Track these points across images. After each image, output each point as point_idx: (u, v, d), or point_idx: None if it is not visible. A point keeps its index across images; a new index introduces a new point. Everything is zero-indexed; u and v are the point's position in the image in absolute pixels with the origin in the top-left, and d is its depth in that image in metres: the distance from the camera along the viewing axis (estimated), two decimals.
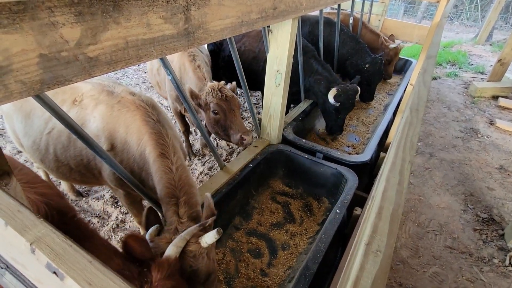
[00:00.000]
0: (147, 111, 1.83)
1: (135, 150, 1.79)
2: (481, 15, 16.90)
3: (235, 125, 2.58)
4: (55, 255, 0.50)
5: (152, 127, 1.77)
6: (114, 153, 1.83)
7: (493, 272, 2.68)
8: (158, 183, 1.66)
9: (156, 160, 1.69)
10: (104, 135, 1.81)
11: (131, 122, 1.79)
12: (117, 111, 1.82)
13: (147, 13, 1.10)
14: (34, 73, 0.87)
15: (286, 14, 2.02)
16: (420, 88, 1.29)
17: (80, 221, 1.31)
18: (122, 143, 1.81)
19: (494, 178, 3.88)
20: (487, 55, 9.36)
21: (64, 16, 0.87)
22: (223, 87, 2.58)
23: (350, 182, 2.50)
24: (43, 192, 1.30)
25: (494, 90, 6.24)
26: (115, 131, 1.80)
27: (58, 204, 1.30)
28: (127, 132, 1.79)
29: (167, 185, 1.63)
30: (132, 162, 1.83)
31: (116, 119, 1.81)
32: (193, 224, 1.51)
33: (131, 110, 1.81)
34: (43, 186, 1.35)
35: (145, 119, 1.79)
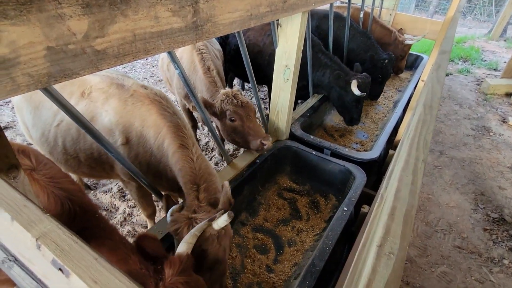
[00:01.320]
0: (162, 105, 1.86)
1: (152, 143, 1.81)
2: (495, 9, 16.45)
3: (253, 131, 2.51)
4: (61, 251, 0.49)
5: (170, 120, 1.80)
6: (129, 147, 1.84)
7: (503, 273, 2.63)
8: (179, 172, 1.72)
9: (176, 151, 1.74)
10: (119, 129, 1.82)
11: (147, 116, 1.81)
12: (131, 105, 1.83)
13: (155, 6, 1.08)
14: (41, 66, 0.86)
15: (296, 7, 1.98)
16: (434, 84, 1.24)
17: (101, 218, 1.33)
18: (138, 137, 1.82)
19: (506, 178, 3.80)
20: (501, 51, 9.12)
21: (71, 8, 0.86)
22: (237, 93, 2.52)
23: (358, 179, 2.47)
24: (67, 188, 1.32)
25: (508, 87, 6.08)
26: (131, 125, 1.82)
27: (81, 200, 1.32)
28: (143, 126, 1.81)
29: (189, 173, 1.70)
30: (149, 155, 1.85)
31: (130, 113, 1.82)
32: (211, 208, 1.61)
33: (146, 104, 1.83)
34: (67, 181, 1.36)
35: (162, 113, 1.81)
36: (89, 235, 1.20)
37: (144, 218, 2.91)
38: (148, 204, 2.35)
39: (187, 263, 1.18)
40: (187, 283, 1.10)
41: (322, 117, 3.88)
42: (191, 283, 1.12)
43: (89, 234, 1.21)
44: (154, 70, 6.27)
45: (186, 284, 1.09)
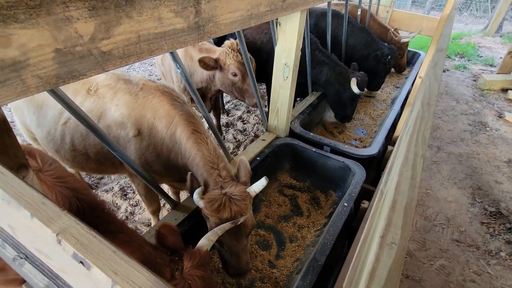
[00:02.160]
0: (172, 96, 1.91)
1: (164, 133, 1.85)
2: (491, 5, 16.50)
3: (251, 89, 2.63)
4: (81, 245, 0.52)
5: (181, 109, 1.86)
6: (141, 138, 1.87)
7: (500, 265, 2.68)
8: (195, 156, 1.78)
9: (190, 136, 1.80)
10: (130, 121, 1.85)
11: (159, 107, 1.85)
12: (143, 98, 1.87)
13: (159, 7, 1.10)
14: (50, 67, 0.88)
15: (295, 6, 2.01)
16: (431, 82, 1.28)
17: (110, 214, 1.35)
18: (150, 128, 1.86)
19: (502, 172, 3.85)
20: (497, 47, 9.18)
21: (78, 10, 0.88)
22: (239, 47, 2.56)
23: (357, 175, 2.51)
24: (74, 186, 1.34)
25: (504, 83, 6.13)
26: (142, 117, 1.85)
27: (88, 198, 1.35)
28: (154, 117, 1.85)
29: (207, 154, 1.78)
30: (161, 145, 1.88)
31: (142, 106, 1.86)
32: (234, 183, 1.73)
33: (157, 96, 1.87)
34: (73, 180, 1.39)
35: (173, 103, 1.86)
36: (100, 231, 1.23)
37: (146, 217, 2.93)
38: (153, 200, 2.38)
39: (205, 259, 1.21)
40: (203, 278, 1.13)
41: (321, 114, 3.91)
42: (206, 279, 1.15)
43: (100, 230, 1.23)
44: (153, 69, 6.28)
45: (202, 278, 1.12)
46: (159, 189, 1.97)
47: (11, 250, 0.84)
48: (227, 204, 1.60)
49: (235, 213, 1.60)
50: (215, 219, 1.61)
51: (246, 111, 4.85)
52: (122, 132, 1.87)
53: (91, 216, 1.28)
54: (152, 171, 1.98)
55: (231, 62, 2.57)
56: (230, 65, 2.58)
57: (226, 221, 1.57)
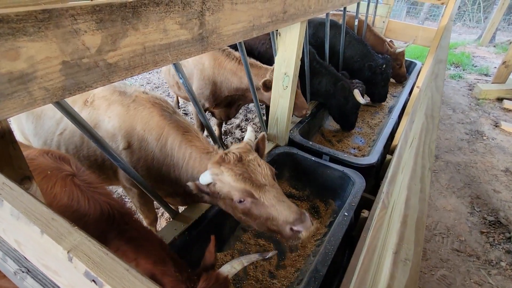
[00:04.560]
0: (162, 106, 1.91)
1: (154, 146, 1.84)
2: (483, 16, 16.85)
3: (299, 101, 2.98)
4: (93, 263, 0.51)
5: (170, 118, 1.86)
6: (131, 151, 1.85)
7: (500, 275, 2.68)
8: (190, 154, 1.78)
9: (182, 140, 1.80)
10: (121, 134, 1.84)
11: (149, 119, 1.84)
12: (134, 110, 1.86)
13: (164, 19, 1.11)
14: (56, 79, 0.88)
15: (296, 17, 2.03)
16: (434, 93, 1.29)
17: (137, 221, 1.35)
18: (140, 141, 1.85)
19: (500, 181, 3.88)
20: (491, 56, 9.34)
21: (86, 23, 0.89)
22: None
23: (357, 184, 2.51)
24: (105, 193, 1.37)
25: (499, 92, 6.22)
26: (132, 129, 1.85)
27: (118, 204, 1.36)
28: (144, 130, 1.84)
29: (200, 145, 1.80)
30: (151, 159, 1.87)
31: (133, 117, 1.85)
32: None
33: (147, 108, 1.87)
34: (103, 187, 1.41)
35: (163, 114, 1.86)
36: (129, 237, 1.22)
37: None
38: (149, 211, 2.36)
39: (223, 285, 1.20)
40: None
41: (319, 123, 3.93)
42: None
43: (129, 237, 1.23)
44: (151, 77, 6.29)
45: None
46: (159, 199, 1.95)
47: (12, 263, 0.82)
48: (250, 171, 1.59)
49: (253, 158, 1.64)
50: (237, 171, 1.56)
51: (244, 119, 4.86)
52: (113, 144, 1.87)
53: (121, 222, 1.29)
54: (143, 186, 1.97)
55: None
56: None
57: (246, 170, 1.57)
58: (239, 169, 1.56)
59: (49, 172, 1.28)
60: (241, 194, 1.55)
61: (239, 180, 1.54)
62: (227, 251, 2.26)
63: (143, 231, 1.33)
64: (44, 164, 1.31)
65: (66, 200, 1.24)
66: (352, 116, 3.70)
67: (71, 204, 1.24)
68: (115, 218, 1.28)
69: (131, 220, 1.34)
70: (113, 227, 1.24)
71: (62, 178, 1.28)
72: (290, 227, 1.55)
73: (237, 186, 1.54)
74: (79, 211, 1.24)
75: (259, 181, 1.58)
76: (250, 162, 1.61)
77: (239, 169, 1.56)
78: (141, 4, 1.00)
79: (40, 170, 1.28)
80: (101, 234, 1.22)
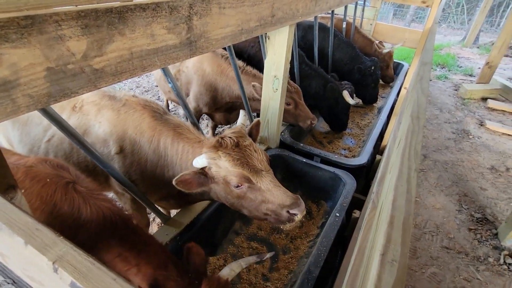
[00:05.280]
0: (153, 108, 1.90)
1: (147, 148, 1.82)
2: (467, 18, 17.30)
3: (304, 113, 3.06)
4: (79, 273, 0.50)
5: (161, 119, 1.85)
6: (123, 156, 1.83)
7: (488, 271, 2.73)
8: (184, 147, 1.77)
9: (174, 136, 1.79)
10: (113, 139, 1.82)
11: (140, 122, 1.83)
12: (124, 113, 1.84)
13: (151, 24, 1.11)
14: (41, 86, 0.86)
15: (284, 21, 2.05)
16: (419, 95, 1.32)
17: (139, 227, 1.34)
18: (132, 144, 1.83)
19: (486, 179, 3.97)
20: (475, 57, 9.58)
21: (71, 29, 0.88)
22: (288, 79, 2.84)
23: (348, 185, 2.53)
24: (106, 199, 1.35)
25: (483, 92, 6.38)
26: (124, 133, 1.83)
27: (119, 210, 1.35)
28: (136, 133, 1.82)
29: (191, 136, 1.80)
30: (145, 161, 1.85)
31: (124, 121, 1.83)
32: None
33: (138, 110, 1.85)
34: (101, 193, 1.39)
35: (154, 115, 1.85)
36: (130, 242, 1.21)
37: None
38: (142, 216, 2.33)
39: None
40: None
41: None
42: None
43: (130, 242, 1.22)
44: (140, 80, 6.24)
45: None
46: (150, 204, 1.93)
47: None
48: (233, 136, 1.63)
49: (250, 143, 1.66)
50: (234, 156, 1.58)
51: (235, 121, 4.86)
52: (105, 149, 1.84)
53: (122, 228, 1.27)
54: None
55: (286, 94, 2.86)
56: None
57: (243, 150, 1.60)
58: (236, 154, 1.59)
59: (48, 180, 1.26)
60: (239, 179, 1.57)
61: (237, 165, 1.56)
62: (220, 255, 2.25)
63: (144, 236, 1.32)
64: (43, 172, 1.29)
65: (66, 208, 1.22)
66: (343, 117, 3.74)
67: (72, 211, 1.22)
68: (117, 224, 1.27)
69: (133, 225, 1.33)
70: (116, 233, 1.23)
71: (62, 186, 1.27)
72: (287, 210, 1.62)
73: (235, 171, 1.56)
74: (81, 218, 1.22)
75: (256, 166, 1.62)
76: (246, 148, 1.64)
77: (237, 154, 1.59)
78: (127, 9, 1.00)
79: (40, 178, 1.26)
80: (103, 240, 1.21)
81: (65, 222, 1.18)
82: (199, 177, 1.60)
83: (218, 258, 2.21)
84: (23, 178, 1.22)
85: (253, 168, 1.60)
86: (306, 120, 3.08)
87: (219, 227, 2.33)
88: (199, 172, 1.60)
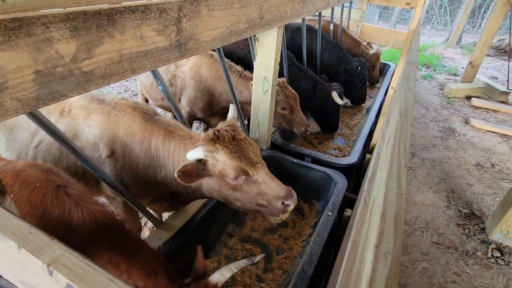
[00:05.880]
0: (143, 110, 1.89)
1: (139, 150, 1.81)
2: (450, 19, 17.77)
3: (299, 119, 3.07)
4: (75, 275, 0.50)
5: (151, 120, 1.84)
6: (114, 159, 1.81)
7: (477, 264, 2.80)
8: (176, 145, 1.77)
9: (165, 135, 1.79)
10: (103, 142, 1.80)
11: (131, 124, 1.81)
12: (114, 116, 1.82)
13: (141, 26, 1.10)
14: (30, 89, 0.85)
15: (272, 23, 2.07)
16: (406, 94, 1.35)
17: (131, 232, 1.32)
18: (123, 147, 1.81)
19: (473, 175, 4.07)
20: (459, 57, 9.84)
21: (59, 31, 0.87)
22: (287, 84, 2.96)
23: (339, 184, 2.56)
24: (98, 203, 1.33)
25: (467, 90, 6.56)
26: (115, 136, 1.80)
27: (111, 214, 1.33)
28: (127, 135, 1.80)
29: (182, 133, 1.80)
30: (136, 164, 1.83)
31: (114, 124, 1.81)
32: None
33: (129, 113, 1.84)
34: (93, 197, 1.37)
35: (144, 117, 1.84)
36: (121, 248, 1.19)
37: None
38: (134, 220, 2.30)
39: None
40: None
41: None
42: None
43: (121, 248, 1.20)
44: (129, 84, 6.18)
45: None
46: (142, 208, 1.91)
47: None
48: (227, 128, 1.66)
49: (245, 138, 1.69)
50: (232, 149, 1.61)
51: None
52: (96, 153, 1.82)
53: (114, 233, 1.25)
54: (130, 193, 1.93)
55: (281, 98, 2.94)
56: (280, 101, 2.94)
57: (238, 142, 1.63)
58: (233, 147, 1.62)
59: (38, 184, 1.24)
60: (237, 172, 1.60)
61: (235, 158, 1.59)
62: (214, 257, 2.24)
63: (137, 241, 1.31)
64: (33, 176, 1.26)
65: (57, 212, 1.20)
66: (333, 118, 3.77)
67: (63, 216, 1.20)
68: (110, 228, 1.25)
69: (125, 230, 1.31)
70: (108, 238, 1.21)
71: (52, 190, 1.24)
72: (281, 201, 1.68)
73: (233, 164, 1.59)
74: (72, 222, 1.20)
75: (252, 159, 1.65)
76: (241, 141, 1.67)
77: (234, 147, 1.62)
78: (116, 11, 0.99)
79: (29, 182, 1.23)
80: (94, 245, 1.19)
81: (56, 227, 1.16)
82: (199, 168, 1.62)
83: (211, 261, 2.20)
84: (12, 182, 1.20)
85: (249, 161, 1.63)
86: (301, 126, 3.10)
87: (212, 230, 2.32)
88: (199, 163, 1.62)
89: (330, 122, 3.81)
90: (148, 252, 1.27)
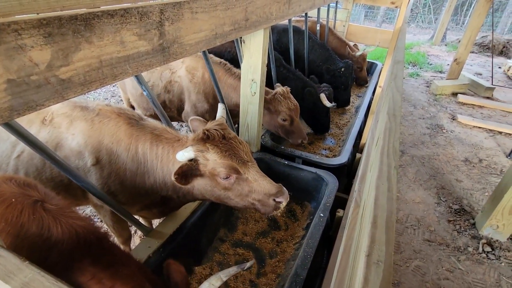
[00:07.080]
0: (128, 115, 1.84)
1: (125, 157, 1.76)
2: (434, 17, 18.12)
3: (297, 131, 3.08)
4: None
5: (136, 125, 1.81)
6: (100, 167, 1.75)
7: (469, 260, 2.83)
8: (164, 148, 1.75)
9: (152, 139, 1.76)
10: (88, 150, 1.74)
11: (116, 130, 1.76)
12: (99, 123, 1.77)
13: (120, 31, 1.07)
14: (2, 100, 0.81)
15: (258, 24, 2.05)
16: (394, 93, 1.35)
17: (115, 245, 1.27)
18: (109, 154, 1.76)
19: (461, 171, 4.13)
20: (444, 55, 10.02)
21: (32, 38, 0.83)
22: (290, 95, 2.97)
23: (330, 185, 2.55)
24: (79, 217, 1.27)
25: (453, 87, 6.67)
26: (100, 143, 1.75)
27: (93, 228, 1.28)
28: (112, 142, 1.76)
29: (169, 136, 1.78)
30: (124, 171, 1.78)
31: (98, 131, 1.76)
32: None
33: (113, 119, 1.79)
34: (74, 211, 1.31)
35: (130, 122, 1.80)
36: (105, 262, 1.14)
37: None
38: (123, 229, 2.25)
39: None
40: None
41: None
42: None
43: (105, 262, 1.15)
44: (115, 89, 6.08)
45: None
46: (130, 217, 1.86)
47: None
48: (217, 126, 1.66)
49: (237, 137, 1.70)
50: (222, 148, 1.61)
51: None
52: (81, 162, 1.77)
53: (97, 247, 1.20)
54: (117, 201, 1.87)
55: (283, 110, 2.94)
56: (282, 112, 2.94)
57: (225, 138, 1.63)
58: (224, 146, 1.61)
59: (13, 199, 1.18)
60: (228, 171, 1.60)
61: (226, 157, 1.59)
62: (206, 264, 2.20)
63: (121, 255, 1.26)
64: (8, 191, 1.20)
65: (35, 228, 1.14)
66: (323, 119, 3.76)
67: (41, 232, 1.14)
68: (92, 243, 1.20)
69: (108, 244, 1.26)
70: (91, 253, 1.16)
71: (29, 205, 1.18)
72: (273, 198, 1.71)
73: (224, 162, 1.59)
74: (51, 239, 1.14)
75: (243, 158, 1.65)
76: (232, 140, 1.66)
77: (224, 146, 1.61)
78: (94, 16, 0.96)
79: (4, 198, 1.17)
80: (76, 261, 1.13)
81: (35, 244, 1.10)
82: (193, 168, 1.61)
83: (204, 267, 2.16)
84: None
85: (240, 159, 1.63)
86: (297, 138, 3.10)
87: (203, 236, 2.28)
88: (193, 162, 1.61)
89: (321, 124, 3.80)
90: (133, 265, 1.23)
